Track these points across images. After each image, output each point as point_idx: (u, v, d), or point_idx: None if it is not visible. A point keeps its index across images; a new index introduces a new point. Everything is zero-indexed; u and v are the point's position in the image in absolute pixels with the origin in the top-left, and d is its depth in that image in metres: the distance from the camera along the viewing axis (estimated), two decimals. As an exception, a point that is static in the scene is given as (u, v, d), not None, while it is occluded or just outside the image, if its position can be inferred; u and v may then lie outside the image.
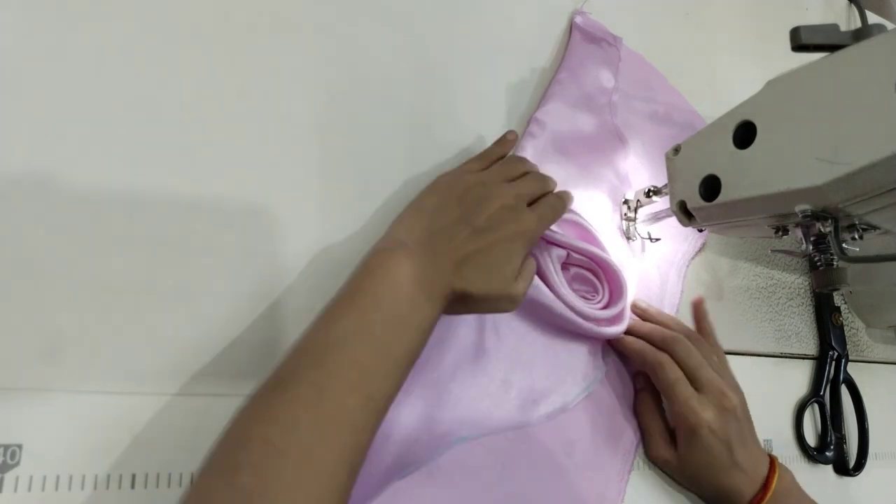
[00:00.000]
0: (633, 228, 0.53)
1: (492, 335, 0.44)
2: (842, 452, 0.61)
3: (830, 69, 0.38)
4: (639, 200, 0.52)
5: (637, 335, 0.48)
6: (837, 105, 0.37)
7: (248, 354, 0.36)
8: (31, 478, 0.30)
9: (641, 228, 0.53)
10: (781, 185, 0.39)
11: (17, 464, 0.30)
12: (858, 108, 0.36)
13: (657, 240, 0.53)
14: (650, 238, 0.53)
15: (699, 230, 0.49)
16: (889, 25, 0.56)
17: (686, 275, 0.56)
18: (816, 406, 0.61)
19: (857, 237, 0.41)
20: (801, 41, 0.41)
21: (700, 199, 0.44)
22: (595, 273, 0.48)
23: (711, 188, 0.44)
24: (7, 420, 0.30)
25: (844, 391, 0.63)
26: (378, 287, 0.34)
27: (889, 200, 0.37)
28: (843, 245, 0.41)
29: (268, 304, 0.37)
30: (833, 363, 0.63)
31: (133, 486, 0.32)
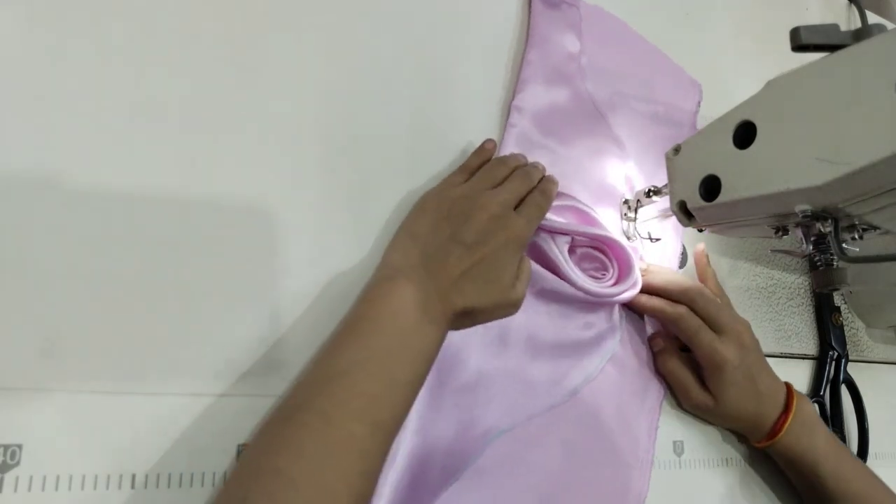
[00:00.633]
0: (634, 228, 0.53)
1: (506, 332, 0.45)
2: (842, 452, 0.61)
3: (830, 69, 0.38)
4: (639, 200, 0.52)
5: (651, 293, 0.50)
6: (837, 105, 0.37)
7: (248, 354, 0.36)
8: (31, 478, 0.30)
9: (641, 228, 0.53)
10: (781, 185, 0.39)
11: (17, 464, 0.30)
12: (858, 108, 0.36)
13: (657, 240, 0.53)
14: (650, 238, 0.53)
15: (699, 230, 0.50)
16: (889, 25, 0.56)
17: (682, 234, 0.57)
18: (816, 406, 0.61)
19: (857, 237, 0.41)
20: (801, 41, 0.41)
21: (700, 199, 0.44)
22: (602, 250, 0.50)
23: (711, 188, 0.44)
24: (7, 420, 0.30)
25: (844, 391, 0.63)
26: (380, 315, 0.34)
27: (889, 200, 0.37)
28: (843, 245, 0.41)
29: (268, 304, 0.37)
30: (833, 363, 0.63)
31: (133, 486, 0.32)
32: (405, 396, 0.34)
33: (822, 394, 0.62)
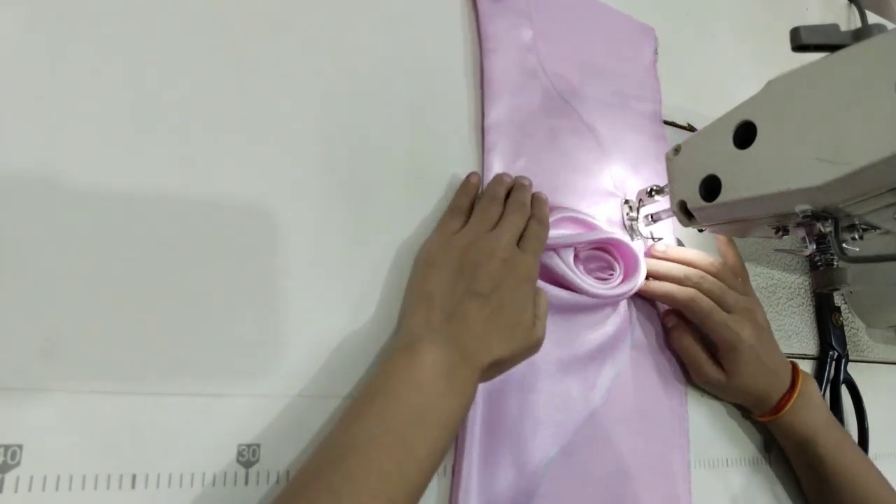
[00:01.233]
0: (636, 228, 0.53)
1: (535, 358, 0.43)
2: (842, 452, 0.61)
3: (830, 69, 0.38)
4: (640, 200, 0.52)
5: (657, 277, 0.51)
6: (837, 105, 0.37)
7: (248, 354, 0.36)
8: (32, 478, 0.30)
9: (643, 228, 0.53)
10: (781, 185, 0.39)
11: (18, 464, 0.30)
12: (858, 108, 0.36)
13: (660, 239, 0.53)
14: (653, 238, 0.53)
15: (699, 230, 0.50)
16: (889, 25, 0.56)
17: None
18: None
19: (857, 237, 0.41)
20: (801, 41, 0.41)
21: (700, 199, 0.44)
22: (605, 249, 0.50)
23: (711, 188, 0.44)
24: (7, 420, 0.30)
25: (844, 391, 0.63)
26: (399, 388, 0.34)
27: (889, 200, 0.37)
28: (843, 245, 0.41)
29: (268, 304, 0.37)
30: (833, 363, 0.63)
31: (133, 486, 0.32)
32: (423, 469, 0.33)
33: (822, 394, 0.62)
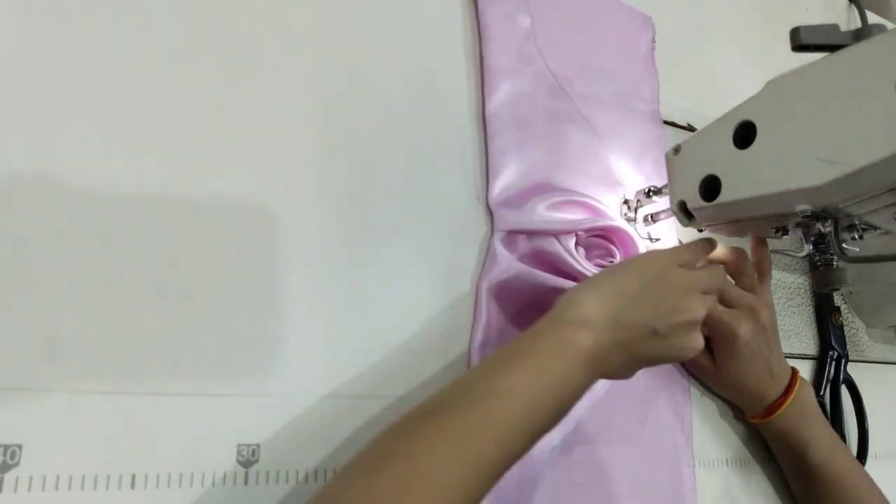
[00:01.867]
0: (634, 228, 0.53)
1: None
2: (842, 452, 0.61)
3: (830, 69, 0.38)
4: (639, 200, 0.52)
5: None
6: (837, 105, 0.37)
7: (248, 354, 0.36)
8: (31, 478, 0.30)
9: (641, 229, 0.53)
10: (781, 185, 0.39)
11: (17, 464, 0.30)
12: (858, 108, 0.36)
13: (657, 240, 0.53)
14: (650, 238, 0.53)
15: (699, 230, 0.50)
16: (889, 25, 0.56)
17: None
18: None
19: (857, 237, 0.41)
20: (801, 41, 0.41)
21: (700, 199, 0.44)
22: (604, 237, 0.50)
23: (711, 188, 0.44)
24: (7, 420, 0.30)
25: (844, 391, 0.63)
26: (553, 358, 0.36)
27: (889, 200, 0.37)
28: (843, 245, 0.41)
29: (268, 304, 0.37)
30: (833, 363, 0.63)
31: (133, 486, 0.32)
32: (542, 434, 0.35)
33: (822, 394, 0.62)
